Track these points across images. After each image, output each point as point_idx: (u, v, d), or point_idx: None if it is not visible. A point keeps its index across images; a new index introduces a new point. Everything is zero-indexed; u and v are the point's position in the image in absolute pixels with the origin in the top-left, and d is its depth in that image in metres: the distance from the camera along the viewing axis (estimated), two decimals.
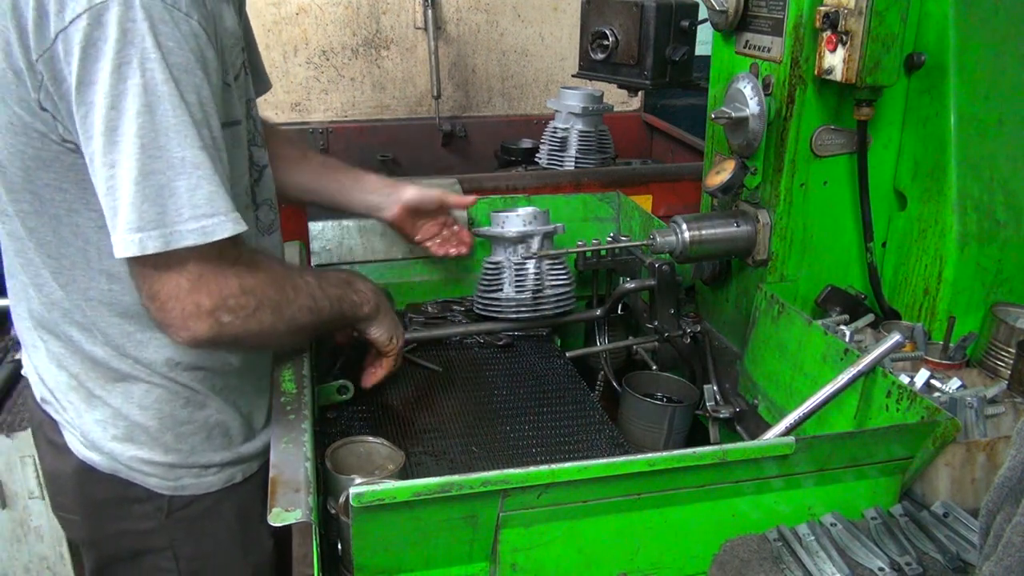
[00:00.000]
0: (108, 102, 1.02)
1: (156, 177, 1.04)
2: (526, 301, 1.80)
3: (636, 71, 2.39)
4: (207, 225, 1.07)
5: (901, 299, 1.62)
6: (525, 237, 1.82)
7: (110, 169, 1.04)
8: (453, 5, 3.25)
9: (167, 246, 1.05)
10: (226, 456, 1.38)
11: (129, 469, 1.31)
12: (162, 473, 1.33)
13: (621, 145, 3.02)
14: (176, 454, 1.32)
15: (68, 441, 1.32)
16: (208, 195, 1.07)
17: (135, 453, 1.30)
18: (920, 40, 1.51)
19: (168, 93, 1.03)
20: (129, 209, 1.04)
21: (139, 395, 1.28)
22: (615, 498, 1.07)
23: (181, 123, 1.04)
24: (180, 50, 1.05)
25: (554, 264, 1.85)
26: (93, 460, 1.31)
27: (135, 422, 1.29)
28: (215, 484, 1.38)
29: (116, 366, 1.26)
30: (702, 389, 1.71)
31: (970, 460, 1.19)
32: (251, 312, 1.16)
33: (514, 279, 1.81)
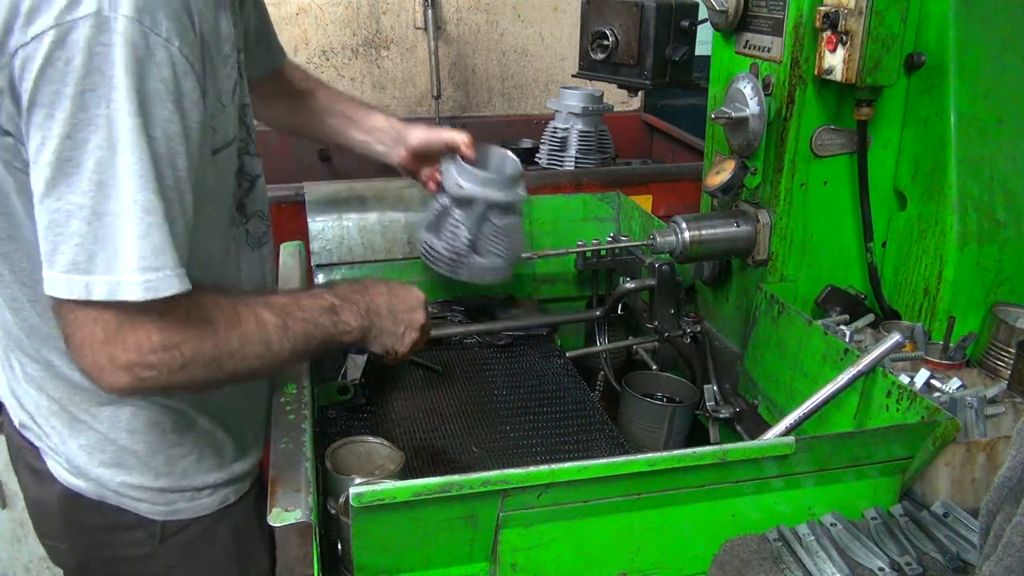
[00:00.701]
0: (65, 130, 0.92)
1: (109, 219, 0.94)
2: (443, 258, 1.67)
3: (636, 71, 2.39)
4: (151, 279, 0.96)
5: (901, 299, 1.62)
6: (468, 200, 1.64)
7: (56, 202, 0.94)
8: (453, 5, 3.25)
9: (112, 295, 0.96)
10: (220, 476, 1.32)
11: (118, 495, 1.25)
12: (153, 498, 1.27)
13: (621, 145, 3.02)
14: (168, 478, 1.26)
15: (51, 468, 1.25)
16: (156, 245, 0.97)
17: (124, 479, 1.24)
18: (920, 40, 1.51)
19: (133, 128, 0.93)
20: (76, 249, 0.95)
21: (126, 419, 1.22)
22: (615, 498, 1.07)
23: (142, 163, 0.95)
24: (151, 80, 0.95)
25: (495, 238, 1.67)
26: (79, 487, 1.24)
27: (123, 447, 1.23)
28: (209, 507, 1.32)
29: (99, 393, 1.16)
30: (702, 389, 1.71)
31: (970, 460, 1.19)
32: (176, 368, 1.03)
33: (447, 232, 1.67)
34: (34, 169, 0.96)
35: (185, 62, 0.98)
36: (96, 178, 0.94)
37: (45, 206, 0.95)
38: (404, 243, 1.96)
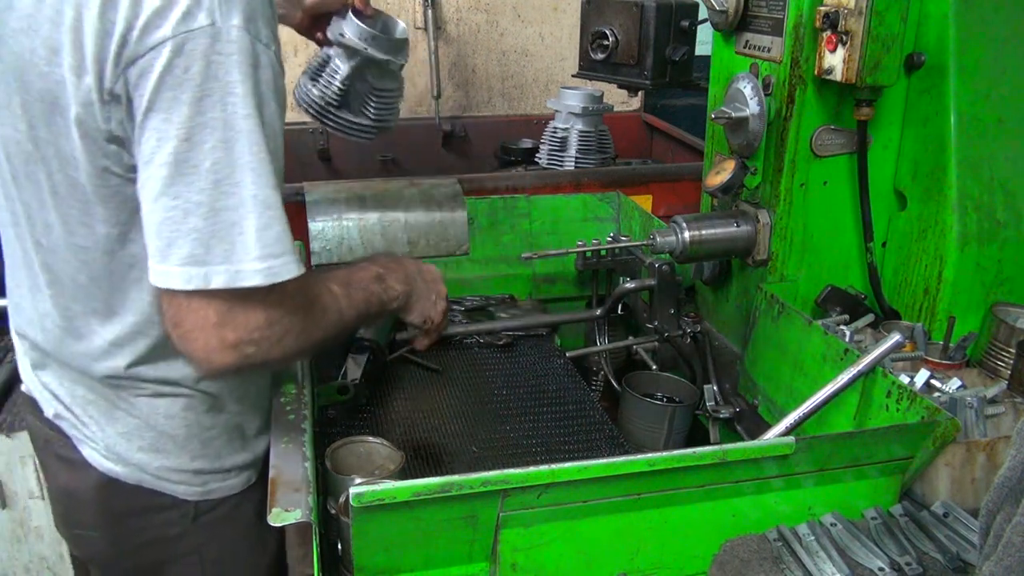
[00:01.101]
0: (182, 133, 0.99)
1: (227, 214, 1.01)
2: (314, 104, 1.71)
3: (636, 71, 2.39)
4: (273, 266, 1.04)
5: (901, 299, 1.62)
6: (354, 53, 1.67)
7: (173, 200, 1.01)
8: (453, 5, 3.25)
9: (232, 283, 1.02)
10: (245, 457, 1.37)
11: (156, 479, 1.29)
12: (190, 480, 1.31)
13: (621, 145, 3.02)
14: (203, 460, 1.31)
15: (88, 456, 1.28)
16: (277, 235, 1.05)
17: (163, 463, 1.28)
18: (920, 40, 1.51)
19: (248, 129, 1.01)
20: (193, 243, 1.01)
21: (164, 406, 1.26)
22: (615, 498, 1.07)
23: (258, 160, 1.02)
24: (261, 84, 1.03)
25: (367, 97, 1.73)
26: (117, 472, 1.28)
27: (162, 432, 1.27)
28: (236, 486, 1.37)
29: (143, 387, 1.24)
30: (702, 389, 1.71)
31: (970, 460, 1.19)
32: (275, 342, 1.11)
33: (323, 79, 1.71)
34: (147, 170, 1.02)
35: (278, 64, 1.07)
36: (213, 178, 1.00)
37: (160, 204, 1.01)
38: (404, 243, 1.96)
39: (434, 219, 1.98)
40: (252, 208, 1.02)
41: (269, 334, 1.09)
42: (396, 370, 1.71)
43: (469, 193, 2.06)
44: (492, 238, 2.03)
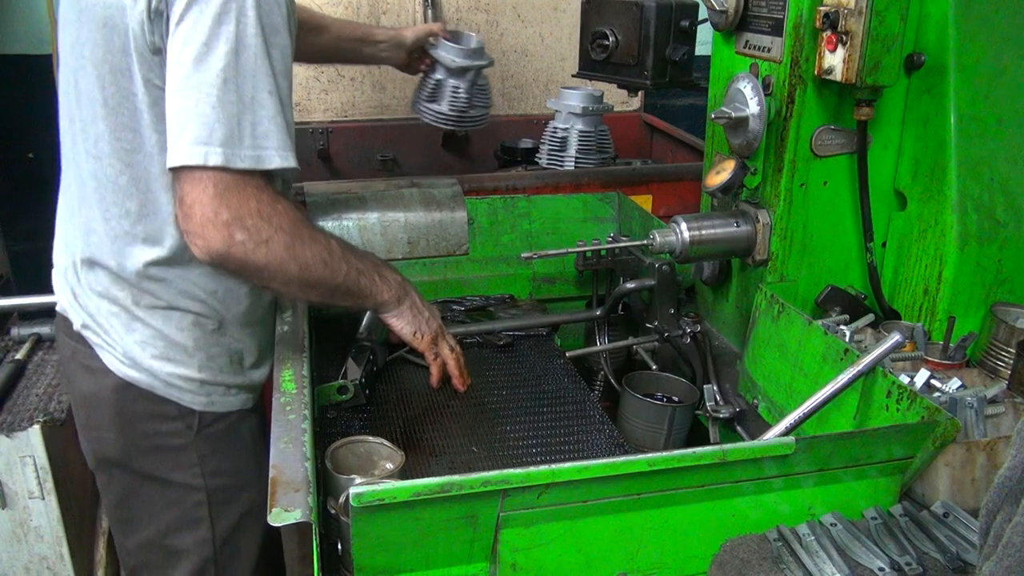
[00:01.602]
0: (203, 40, 1.20)
1: (230, 107, 1.22)
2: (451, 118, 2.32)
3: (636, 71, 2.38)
4: (262, 155, 1.25)
5: (901, 299, 1.62)
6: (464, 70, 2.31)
7: (188, 91, 1.22)
8: (453, 5, 3.24)
9: (227, 163, 1.22)
10: (242, 380, 1.55)
11: (166, 385, 1.46)
12: (195, 389, 1.49)
13: (621, 145, 3.01)
14: (208, 371, 1.49)
15: (107, 362, 1.46)
16: (265, 131, 1.25)
17: (172, 370, 1.46)
18: (920, 40, 1.51)
19: (255, 45, 1.23)
20: (200, 126, 1.21)
21: (177, 318, 1.45)
22: (615, 498, 1.07)
23: (259, 71, 1.24)
24: (273, 14, 1.25)
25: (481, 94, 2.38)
26: (132, 377, 1.45)
27: (173, 341, 1.45)
28: (235, 404, 1.55)
29: (161, 295, 1.43)
30: (702, 389, 1.71)
31: (970, 460, 1.19)
32: (263, 239, 1.27)
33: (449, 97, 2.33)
34: (171, 69, 1.24)
35: (293, 4, 1.31)
36: (222, 76, 1.22)
37: (178, 95, 1.23)
38: (404, 243, 1.96)
39: (434, 219, 1.98)
40: (250, 107, 1.24)
41: (259, 225, 1.26)
42: (396, 370, 1.71)
43: (469, 193, 2.06)
44: (492, 238, 2.03)
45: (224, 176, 1.23)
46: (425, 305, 1.60)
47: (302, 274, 1.34)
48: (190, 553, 1.56)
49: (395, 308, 1.54)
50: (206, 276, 1.44)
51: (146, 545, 1.58)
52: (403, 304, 1.54)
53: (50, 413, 1.97)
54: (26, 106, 3.07)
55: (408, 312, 1.55)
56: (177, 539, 1.56)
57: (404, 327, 1.56)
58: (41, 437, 1.91)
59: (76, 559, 2.01)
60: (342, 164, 3.11)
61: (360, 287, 1.46)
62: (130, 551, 1.63)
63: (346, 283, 1.43)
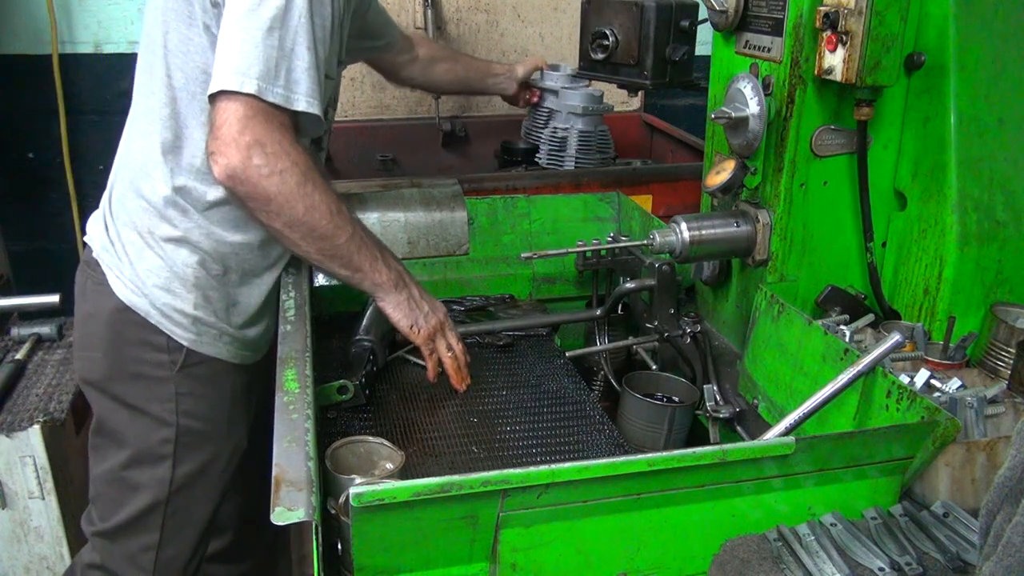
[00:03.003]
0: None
1: (270, 51, 1.35)
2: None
3: (636, 71, 2.39)
4: (291, 97, 1.37)
5: (901, 299, 1.62)
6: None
7: (238, 31, 1.35)
8: (453, 5, 3.24)
9: (259, 93, 1.34)
10: (236, 333, 1.64)
11: (161, 315, 1.57)
12: (187, 324, 1.58)
13: (621, 145, 3.01)
14: (202, 310, 1.58)
15: (113, 285, 1.58)
16: (297, 78, 1.38)
17: (169, 300, 1.56)
18: (920, 40, 1.51)
19: (301, 7, 1.36)
20: (242, 60, 1.34)
21: (185, 254, 1.56)
22: (615, 498, 1.07)
23: (300, 29, 1.37)
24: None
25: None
26: (132, 301, 1.57)
27: (176, 273, 1.56)
28: (223, 353, 1.63)
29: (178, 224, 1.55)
30: (702, 389, 1.71)
31: (970, 460, 1.19)
32: (278, 169, 1.36)
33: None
34: (226, 14, 1.37)
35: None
36: (268, 26, 1.35)
37: (229, 34, 1.36)
38: (404, 243, 1.96)
39: (434, 219, 1.98)
40: (288, 55, 1.37)
41: (278, 153, 1.36)
42: (396, 370, 1.71)
43: (469, 193, 2.06)
44: (492, 238, 2.03)
45: (255, 103, 1.34)
46: (426, 300, 1.60)
47: (307, 216, 1.41)
48: (145, 490, 1.63)
49: (391, 294, 1.55)
50: (223, 223, 1.56)
51: (107, 474, 1.65)
52: (400, 293, 1.56)
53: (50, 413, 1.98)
54: (26, 106, 3.07)
55: (405, 303, 1.57)
56: (136, 472, 1.63)
57: (400, 318, 1.57)
58: (41, 437, 1.91)
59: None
60: (342, 164, 3.10)
61: (359, 259, 1.50)
62: (94, 479, 1.70)
63: (347, 246, 1.48)
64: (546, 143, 2.77)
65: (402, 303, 1.56)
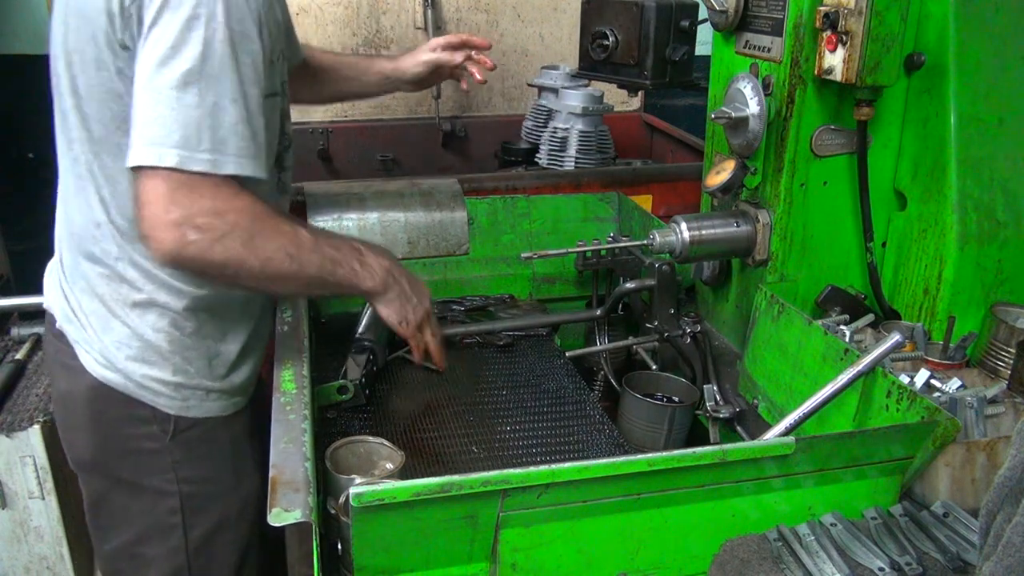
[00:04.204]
0: (171, 43, 1.20)
1: (188, 110, 1.21)
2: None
3: (636, 71, 2.38)
4: (217, 159, 1.23)
5: (901, 299, 1.62)
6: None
7: (152, 92, 1.21)
8: (453, 5, 3.24)
9: (182, 165, 1.20)
10: (223, 385, 1.51)
11: (140, 388, 1.44)
12: (170, 392, 1.45)
13: (621, 145, 3.02)
14: (184, 375, 1.46)
15: (84, 362, 1.44)
16: (223, 137, 1.23)
17: (147, 372, 1.43)
18: (920, 40, 1.51)
19: (221, 52, 1.22)
20: (158, 128, 1.20)
21: (153, 319, 1.42)
22: (615, 498, 1.07)
23: (224, 78, 1.23)
24: (244, 21, 1.24)
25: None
26: (107, 378, 1.43)
27: (148, 342, 1.43)
28: (213, 410, 1.50)
29: (139, 286, 1.40)
30: (702, 389, 1.71)
31: (970, 460, 1.19)
32: (217, 236, 1.23)
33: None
34: (137, 70, 1.23)
35: (264, 13, 1.28)
36: (184, 80, 1.21)
37: (141, 96, 1.22)
38: (404, 243, 1.96)
39: (434, 219, 1.98)
40: (210, 112, 1.22)
41: (212, 223, 1.23)
42: (396, 370, 1.71)
43: (469, 193, 2.06)
44: (492, 238, 2.03)
45: (178, 176, 1.21)
46: (414, 289, 1.55)
47: (265, 269, 1.31)
48: (161, 561, 1.53)
49: (381, 296, 1.50)
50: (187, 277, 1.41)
51: (118, 552, 1.55)
52: (390, 292, 1.50)
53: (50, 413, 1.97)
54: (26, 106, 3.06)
55: (396, 301, 1.51)
56: (148, 547, 1.52)
57: (391, 315, 1.52)
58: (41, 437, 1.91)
59: (76, 559, 2.01)
60: (342, 164, 3.11)
61: (338, 278, 1.41)
62: (104, 557, 1.60)
63: (320, 275, 1.38)
64: (546, 143, 2.77)
65: (393, 301, 1.51)
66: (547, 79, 2.77)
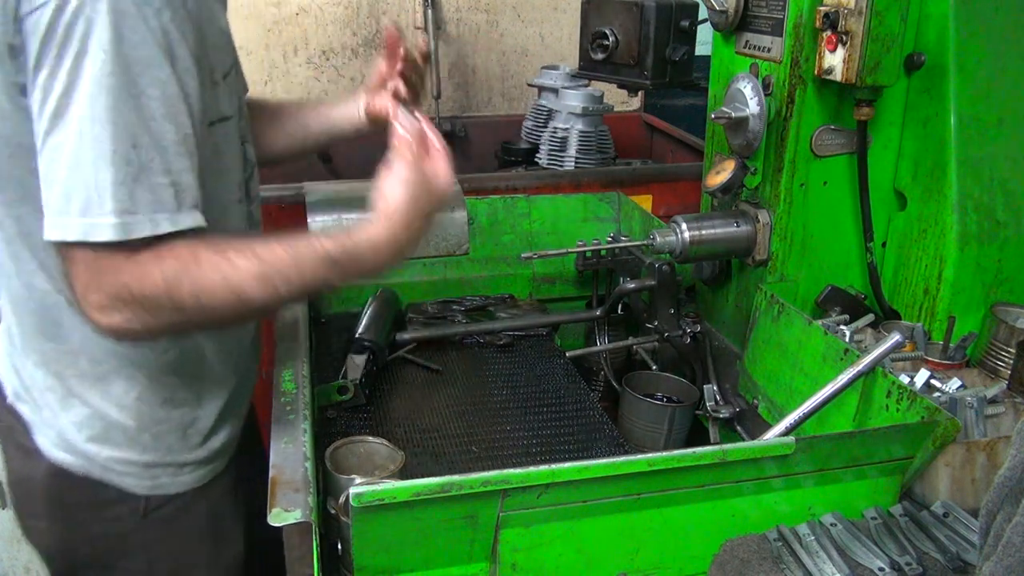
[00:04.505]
0: (61, 88, 1.00)
1: (86, 168, 1.01)
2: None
3: (636, 71, 2.39)
4: (127, 222, 1.02)
5: (901, 299, 1.62)
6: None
7: (49, 152, 1.03)
8: (453, 5, 3.25)
9: (86, 236, 1.02)
10: (200, 454, 1.35)
11: (105, 470, 1.28)
12: (139, 472, 1.30)
13: (621, 145, 3.02)
14: (154, 453, 1.30)
15: (40, 444, 1.28)
16: (129, 192, 1.03)
17: (112, 454, 1.27)
18: (920, 40, 1.51)
19: (110, 87, 1.00)
20: (58, 195, 1.02)
21: (117, 394, 1.25)
22: (615, 498, 1.07)
23: (121, 121, 1.01)
24: (145, 45, 1.02)
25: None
26: (67, 462, 1.27)
27: (113, 422, 1.26)
28: (188, 483, 1.35)
29: (100, 358, 1.23)
30: (702, 389, 1.71)
31: (970, 460, 1.19)
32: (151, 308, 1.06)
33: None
34: (37, 126, 1.04)
35: (177, 32, 1.05)
36: (77, 130, 1.00)
37: (42, 155, 1.04)
38: None
39: None
40: (111, 163, 1.01)
41: (140, 298, 1.05)
42: (396, 370, 1.71)
43: (469, 193, 2.05)
44: (492, 238, 2.03)
45: (87, 252, 1.03)
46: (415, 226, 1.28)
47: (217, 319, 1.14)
48: None
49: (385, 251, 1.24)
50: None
51: None
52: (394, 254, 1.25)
53: None
54: None
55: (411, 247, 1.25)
56: None
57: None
58: None
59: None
60: (342, 164, 3.11)
61: (312, 280, 1.17)
62: None
63: (288, 297, 1.16)
64: (546, 143, 2.77)
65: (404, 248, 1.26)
66: (547, 79, 2.77)
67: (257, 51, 3.14)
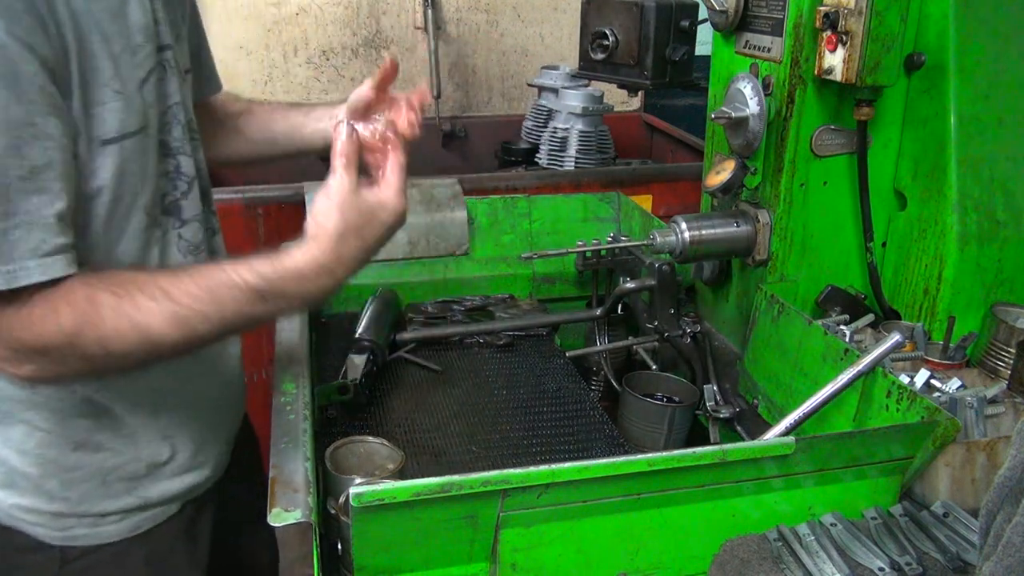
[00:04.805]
0: None
1: None
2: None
3: (636, 71, 2.39)
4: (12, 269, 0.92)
5: (901, 299, 1.62)
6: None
7: None
8: (453, 5, 3.25)
9: None
10: (129, 502, 1.22)
11: (12, 517, 1.18)
12: (48, 522, 1.18)
13: (621, 145, 3.02)
14: (63, 502, 1.18)
15: None
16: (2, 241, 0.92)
17: (16, 501, 1.17)
18: (920, 40, 1.51)
19: None
20: None
21: (17, 439, 1.14)
22: (615, 498, 1.07)
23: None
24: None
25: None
26: None
27: (14, 467, 1.16)
28: (116, 533, 1.22)
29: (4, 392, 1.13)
30: (702, 389, 1.71)
31: (970, 460, 1.19)
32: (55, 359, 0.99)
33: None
34: None
35: (18, 45, 0.90)
36: None
37: None
38: (404, 243, 1.96)
39: (434, 219, 1.98)
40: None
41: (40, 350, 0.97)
42: (396, 370, 1.71)
43: (469, 193, 2.06)
44: (492, 238, 2.03)
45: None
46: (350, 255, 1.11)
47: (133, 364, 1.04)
48: None
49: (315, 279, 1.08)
50: None
51: None
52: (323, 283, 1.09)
53: None
54: None
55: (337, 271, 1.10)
56: None
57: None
58: None
59: None
60: None
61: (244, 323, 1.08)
62: None
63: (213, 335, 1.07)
64: (546, 143, 2.77)
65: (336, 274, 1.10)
66: (547, 79, 2.77)
67: (257, 51, 3.14)
